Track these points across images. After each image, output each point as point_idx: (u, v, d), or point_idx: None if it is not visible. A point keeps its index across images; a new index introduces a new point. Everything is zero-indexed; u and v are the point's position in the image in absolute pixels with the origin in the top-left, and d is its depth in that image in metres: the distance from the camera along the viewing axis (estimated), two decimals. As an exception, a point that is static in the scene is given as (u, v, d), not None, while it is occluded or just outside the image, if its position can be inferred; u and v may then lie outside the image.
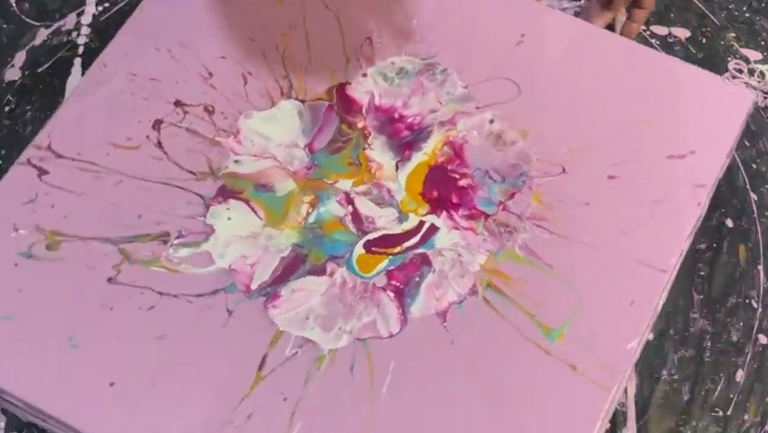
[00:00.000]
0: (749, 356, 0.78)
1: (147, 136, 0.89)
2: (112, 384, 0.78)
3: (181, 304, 0.81)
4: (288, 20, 0.94)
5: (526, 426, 0.76)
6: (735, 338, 0.79)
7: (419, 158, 0.87)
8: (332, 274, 0.82)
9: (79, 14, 0.98)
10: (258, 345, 0.79)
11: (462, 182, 0.86)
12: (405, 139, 0.88)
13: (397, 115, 0.89)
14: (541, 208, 0.84)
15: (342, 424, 0.76)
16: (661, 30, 1.00)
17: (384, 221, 0.85)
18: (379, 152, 0.88)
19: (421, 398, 0.77)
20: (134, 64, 0.92)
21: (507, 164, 0.87)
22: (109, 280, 0.82)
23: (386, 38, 0.93)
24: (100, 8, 0.98)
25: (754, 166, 0.85)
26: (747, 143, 0.85)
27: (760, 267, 0.81)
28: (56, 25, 0.97)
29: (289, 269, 0.83)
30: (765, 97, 0.87)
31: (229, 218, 0.85)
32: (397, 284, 0.81)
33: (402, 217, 0.85)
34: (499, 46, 0.92)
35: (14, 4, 0.99)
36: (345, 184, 0.86)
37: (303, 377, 0.78)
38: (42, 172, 0.87)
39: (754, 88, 0.86)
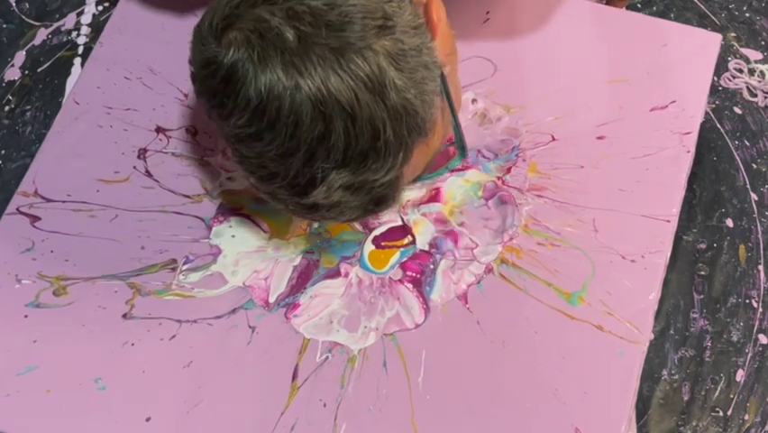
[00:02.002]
0: (749, 356, 0.79)
1: (134, 167, 0.88)
2: (148, 420, 0.77)
3: (202, 328, 0.81)
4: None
5: (566, 392, 0.77)
6: (735, 338, 0.79)
7: (410, 147, 0.87)
8: (347, 275, 0.82)
9: (79, 14, 0.97)
10: (287, 357, 0.79)
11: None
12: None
13: (380, 109, 0.89)
14: (539, 178, 0.85)
15: (386, 420, 0.77)
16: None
17: (387, 215, 0.85)
18: (369, 148, 0.87)
19: (458, 382, 0.77)
20: (107, 97, 0.91)
21: (497, 140, 0.87)
22: (124, 316, 0.81)
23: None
24: (100, 8, 0.97)
25: (754, 166, 0.85)
26: (747, 143, 0.86)
27: (760, 267, 0.82)
28: (56, 25, 0.96)
29: (304, 276, 0.82)
30: (765, 97, 0.88)
31: (233, 236, 0.84)
32: (414, 274, 0.82)
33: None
34: (466, 27, 0.93)
35: (14, 4, 0.98)
36: (343, 184, 0.86)
37: (338, 380, 0.78)
38: (34, 219, 0.86)
39: (755, 88, 0.87)
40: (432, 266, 0.82)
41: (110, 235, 0.85)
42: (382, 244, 0.84)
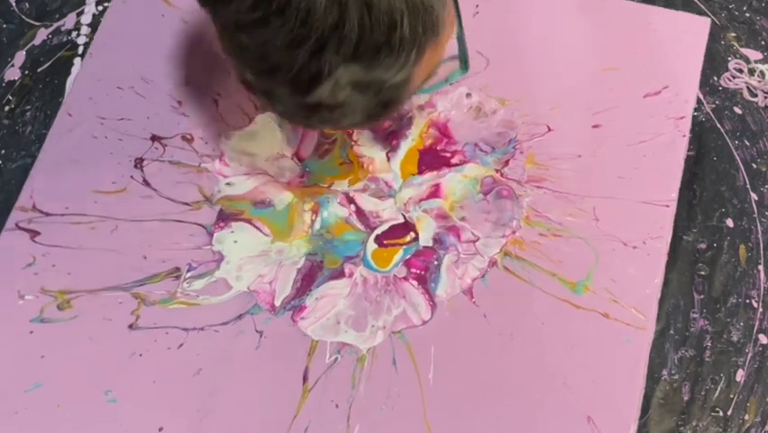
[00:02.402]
0: (749, 356, 0.78)
1: (131, 176, 0.87)
2: (161, 430, 0.77)
3: (209, 335, 0.80)
4: (243, 34, 0.93)
5: (576, 381, 0.77)
6: (735, 338, 0.78)
7: (407, 145, 0.88)
8: (351, 275, 0.82)
9: (79, 14, 0.96)
10: (297, 360, 0.79)
11: (455, 159, 0.87)
12: (389, 129, 0.88)
13: (375, 108, 0.89)
14: (537, 169, 0.86)
15: (399, 418, 0.77)
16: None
17: (388, 213, 0.85)
18: (367, 147, 0.88)
19: (468, 377, 0.78)
20: (100, 107, 0.90)
21: (494, 133, 0.88)
22: (130, 327, 0.81)
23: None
24: (100, 8, 0.96)
25: (754, 166, 0.85)
26: (747, 143, 0.84)
27: (760, 267, 0.81)
28: (56, 25, 0.95)
29: (308, 278, 0.82)
30: (765, 97, 0.88)
31: (235, 241, 0.84)
32: (418, 271, 0.82)
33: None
34: (457, 21, 0.93)
35: (14, 4, 0.97)
36: (342, 185, 0.86)
37: (349, 380, 0.78)
38: (34, 234, 0.85)
39: (755, 88, 0.87)
40: (436, 262, 0.82)
41: (111, 247, 0.84)
42: (385, 242, 0.84)
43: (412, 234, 0.84)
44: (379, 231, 0.84)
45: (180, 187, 0.87)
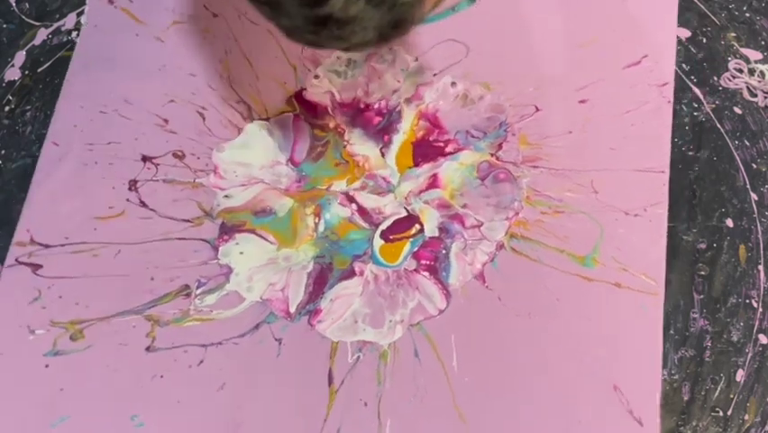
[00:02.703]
0: (749, 356, 0.79)
1: (127, 199, 0.87)
2: (193, 448, 0.77)
3: (229, 349, 0.80)
4: (221, 46, 0.93)
5: (598, 352, 0.78)
6: (735, 338, 0.79)
7: (400, 139, 0.88)
8: (362, 273, 0.83)
9: (79, 14, 0.95)
10: (319, 363, 0.79)
11: (449, 148, 0.87)
12: (379, 125, 0.89)
13: (362, 105, 0.90)
14: (530, 150, 0.87)
15: (429, 408, 0.77)
16: (661, 29, 0.98)
17: (390, 208, 0.85)
18: (359, 145, 0.88)
19: (492, 359, 0.79)
20: (86, 134, 0.89)
21: (483, 119, 0.89)
22: (147, 349, 0.81)
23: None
24: None
25: (754, 166, 0.86)
26: (747, 143, 0.85)
27: (760, 267, 0.82)
28: (56, 25, 0.94)
29: (320, 281, 0.83)
30: (765, 97, 0.89)
31: (241, 253, 0.84)
32: (428, 262, 0.83)
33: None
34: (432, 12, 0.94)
35: (14, 4, 0.95)
36: (340, 185, 0.87)
37: (374, 378, 0.79)
38: (36, 267, 0.84)
39: (755, 88, 0.89)
40: (444, 251, 0.83)
41: (117, 271, 0.84)
42: (391, 237, 0.84)
43: (417, 227, 0.84)
44: (383, 227, 0.85)
45: (178, 204, 0.86)
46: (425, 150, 0.88)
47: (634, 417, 0.76)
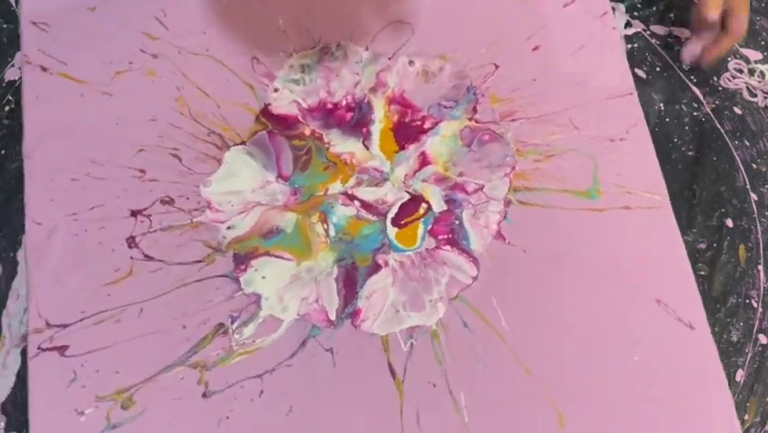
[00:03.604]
0: (749, 356, 0.80)
1: (131, 257, 0.85)
2: (283, 477, 0.77)
3: (284, 372, 0.80)
4: (171, 85, 0.92)
5: (632, 276, 0.82)
6: (735, 338, 0.81)
7: (378, 128, 0.90)
8: (387, 264, 0.84)
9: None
10: (376, 360, 0.80)
11: (427, 124, 0.89)
12: (353, 120, 0.90)
13: (330, 106, 0.90)
14: (503, 105, 0.90)
15: (496, 372, 0.79)
16: (661, 30, 0.98)
17: (392, 195, 0.87)
18: (341, 144, 0.89)
19: (538, 310, 0.81)
20: (65, 205, 0.87)
21: (449, 88, 0.91)
22: (204, 396, 0.80)
23: (266, 52, 0.94)
24: None
25: (754, 166, 0.88)
26: (747, 143, 0.88)
27: (760, 267, 0.84)
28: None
29: (349, 283, 0.83)
30: (765, 97, 0.90)
31: (264, 277, 0.84)
32: (445, 236, 0.85)
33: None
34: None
35: (14, 4, 0.91)
36: (336, 187, 0.87)
37: (433, 359, 0.80)
38: (62, 349, 0.82)
39: (755, 88, 0.91)
40: (457, 221, 0.85)
41: (146, 331, 0.82)
42: (402, 222, 0.86)
43: (424, 206, 0.86)
44: (391, 214, 0.86)
45: (184, 248, 0.85)
46: (406, 131, 0.89)
47: (684, 323, 0.80)
